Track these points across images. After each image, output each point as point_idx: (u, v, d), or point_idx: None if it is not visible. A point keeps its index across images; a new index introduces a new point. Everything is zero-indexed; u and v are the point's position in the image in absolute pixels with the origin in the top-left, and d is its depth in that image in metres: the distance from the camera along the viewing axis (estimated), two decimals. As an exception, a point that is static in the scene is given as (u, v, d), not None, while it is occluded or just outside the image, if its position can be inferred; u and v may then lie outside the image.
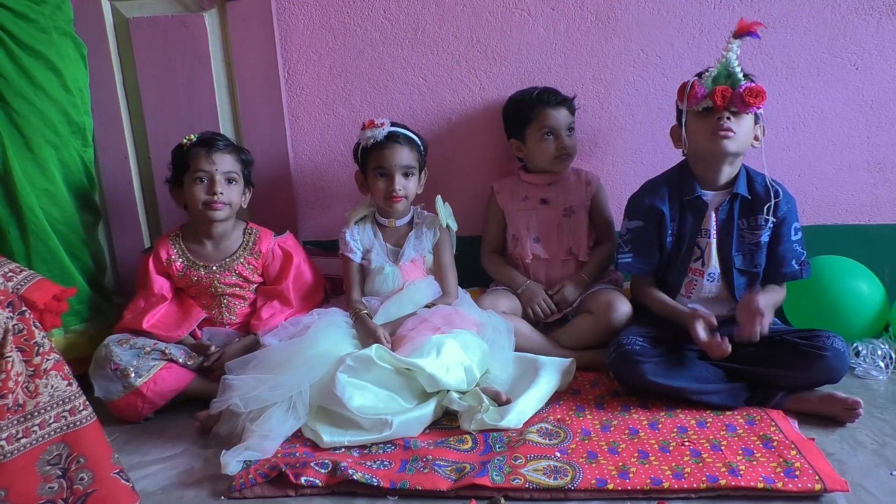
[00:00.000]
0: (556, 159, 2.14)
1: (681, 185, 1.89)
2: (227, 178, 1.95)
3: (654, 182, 1.96)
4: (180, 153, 1.96)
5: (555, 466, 1.49)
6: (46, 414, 1.27)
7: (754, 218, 1.86)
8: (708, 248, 1.87)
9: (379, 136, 1.98)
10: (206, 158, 1.92)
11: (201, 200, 1.93)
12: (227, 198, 1.94)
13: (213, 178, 1.92)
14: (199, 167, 1.92)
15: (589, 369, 1.99)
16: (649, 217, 1.90)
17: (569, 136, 2.14)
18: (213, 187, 1.92)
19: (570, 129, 2.14)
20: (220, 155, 1.94)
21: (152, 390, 1.82)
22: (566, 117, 2.13)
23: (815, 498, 1.38)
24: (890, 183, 2.29)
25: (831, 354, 1.68)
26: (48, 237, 1.98)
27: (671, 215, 1.89)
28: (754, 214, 1.86)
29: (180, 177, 1.96)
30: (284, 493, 1.47)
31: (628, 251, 1.94)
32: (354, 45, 2.28)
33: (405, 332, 1.89)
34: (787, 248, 1.87)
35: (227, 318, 2.03)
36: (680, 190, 1.89)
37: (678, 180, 1.90)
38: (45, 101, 1.95)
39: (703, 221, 1.88)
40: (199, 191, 1.93)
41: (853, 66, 2.21)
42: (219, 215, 1.95)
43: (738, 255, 1.87)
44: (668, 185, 1.91)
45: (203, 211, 1.94)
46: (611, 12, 2.21)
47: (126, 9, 2.22)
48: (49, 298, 1.32)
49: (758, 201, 1.85)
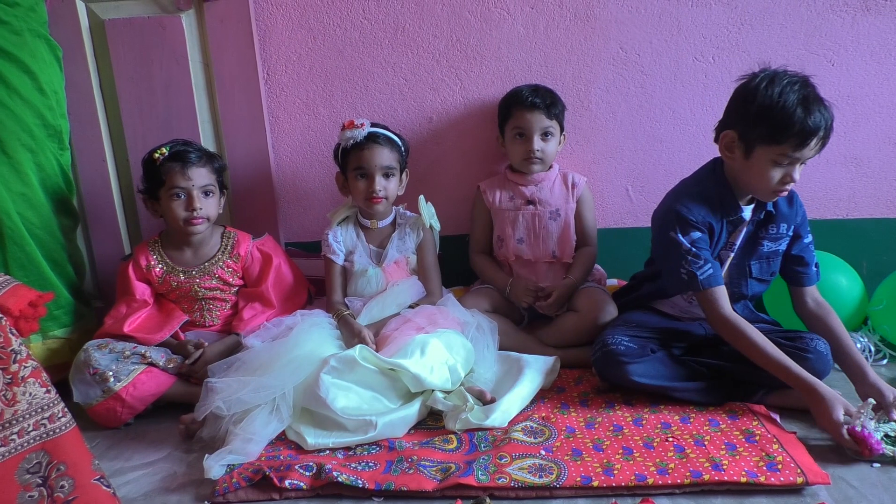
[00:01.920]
0: (524, 161, 2.14)
1: (721, 201, 1.77)
2: (204, 191, 1.94)
3: (692, 194, 1.79)
4: (153, 167, 1.92)
5: (540, 465, 1.50)
6: (25, 422, 1.25)
7: (774, 226, 1.80)
8: (726, 261, 1.83)
9: (358, 136, 1.97)
10: (182, 174, 1.90)
11: (181, 217, 1.92)
12: (205, 212, 1.93)
13: (191, 195, 1.91)
14: (176, 183, 1.90)
15: (573, 367, 2.00)
16: (705, 228, 1.75)
17: (543, 140, 2.11)
18: (191, 203, 1.91)
19: (545, 134, 2.11)
20: (196, 169, 1.92)
21: (132, 395, 1.80)
22: (541, 121, 2.09)
23: (798, 491, 1.40)
24: (867, 178, 2.31)
25: (814, 357, 1.69)
26: (25, 242, 1.95)
27: (718, 231, 1.78)
28: (776, 224, 1.80)
29: (155, 190, 1.94)
30: (269, 496, 1.46)
31: (703, 263, 1.71)
32: (334, 45, 2.27)
33: (389, 333, 1.88)
34: (807, 251, 1.84)
35: (209, 321, 2.02)
36: (721, 207, 1.77)
37: (717, 196, 1.77)
38: (19, 104, 1.92)
39: (734, 235, 1.81)
40: (177, 207, 1.91)
41: (829, 63, 2.23)
42: (199, 230, 1.95)
43: (756, 264, 1.83)
44: (707, 199, 1.77)
45: (183, 227, 1.93)
46: (589, 10, 2.22)
47: (101, 10, 2.19)
48: (24, 305, 1.31)
49: (780, 214, 1.80)
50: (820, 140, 1.61)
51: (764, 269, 1.84)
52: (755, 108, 1.64)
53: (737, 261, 1.83)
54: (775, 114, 1.60)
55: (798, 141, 1.59)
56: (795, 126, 1.58)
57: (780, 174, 1.65)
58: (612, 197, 2.35)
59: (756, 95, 1.64)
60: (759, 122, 1.63)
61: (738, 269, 1.84)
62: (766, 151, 1.64)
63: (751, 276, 1.84)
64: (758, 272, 1.84)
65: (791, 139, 1.60)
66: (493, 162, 2.32)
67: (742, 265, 1.84)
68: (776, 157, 1.63)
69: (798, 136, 1.59)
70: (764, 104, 1.62)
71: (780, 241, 1.82)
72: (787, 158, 1.63)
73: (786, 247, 1.84)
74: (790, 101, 1.60)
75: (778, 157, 1.63)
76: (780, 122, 1.60)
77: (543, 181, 2.19)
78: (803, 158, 1.63)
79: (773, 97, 1.61)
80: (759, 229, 1.81)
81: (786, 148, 1.61)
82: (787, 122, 1.59)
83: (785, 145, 1.61)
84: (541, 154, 2.11)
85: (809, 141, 1.59)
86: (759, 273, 1.84)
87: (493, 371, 1.88)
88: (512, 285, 2.14)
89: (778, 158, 1.63)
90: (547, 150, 2.13)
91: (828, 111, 1.61)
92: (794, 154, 1.62)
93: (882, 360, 2.04)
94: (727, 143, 1.72)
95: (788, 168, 1.65)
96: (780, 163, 1.64)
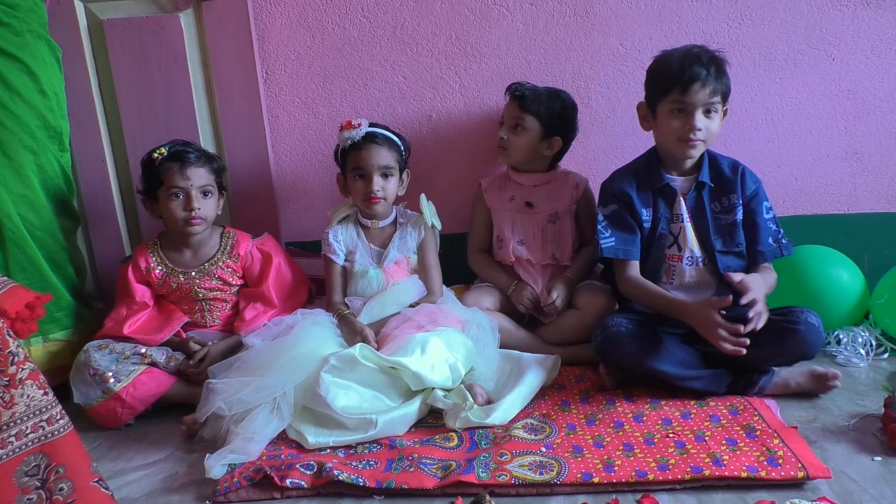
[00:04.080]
0: (498, 148, 2.16)
1: (649, 172, 1.90)
2: (202, 191, 1.94)
3: (622, 169, 1.97)
4: (152, 167, 1.93)
5: (540, 461, 1.50)
6: (23, 424, 1.25)
7: (726, 198, 1.88)
8: (682, 233, 1.87)
9: (356, 136, 1.97)
10: (181, 174, 1.91)
11: (180, 217, 1.92)
12: (203, 212, 1.94)
13: (190, 194, 1.91)
14: (174, 183, 1.91)
15: (574, 364, 2.00)
16: (621, 200, 1.90)
17: (513, 131, 2.11)
18: (189, 203, 1.91)
19: (516, 126, 2.09)
20: (194, 169, 1.92)
21: (132, 395, 1.80)
22: (514, 111, 2.09)
23: (798, 485, 1.39)
24: (868, 172, 2.31)
25: (805, 329, 1.70)
26: (26, 244, 1.95)
27: (643, 201, 1.89)
28: (726, 195, 1.88)
29: (154, 190, 1.94)
30: (270, 495, 1.47)
31: (609, 235, 1.89)
32: (333, 43, 2.27)
33: (389, 331, 1.88)
34: (762, 225, 1.87)
35: (210, 322, 2.02)
36: (649, 178, 1.90)
37: (646, 168, 1.91)
38: (21, 105, 1.92)
39: (675, 207, 1.88)
40: (175, 207, 1.92)
41: (830, 57, 2.22)
42: (197, 230, 1.95)
43: (718, 239, 1.87)
44: (636, 172, 1.92)
45: (182, 227, 1.93)
46: (589, 6, 2.22)
47: (100, 10, 2.19)
48: (21, 307, 1.30)
49: (725, 183, 1.88)
50: (706, 85, 1.75)
51: (728, 242, 1.88)
52: (649, 73, 1.88)
53: (699, 237, 1.88)
54: (659, 68, 1.84)
55: (681, 85, 1.75)
56: (674, 71, 1.77)
57: (679, 122, 1.79)
58: (612, 193, 2.35)
59: (651, 64, 1.87)
60: (652, 82, 1.86)
61: (704, 247, 1.88)
62: (662, 107, 1.82)
63: (717, 251, 1.87)
64: (721, 245, 1.88)
65: (675, 85, 1.76)
66: (492, 159, 2.31)
67: (705, 242, 1.87)
68: (670, 107, 1.80)
69: (677, 79, 1.75)
70: (653, 66, 1.87)
71: (733, 211, 1.88)
72: (679, 104, 1.78)
73: (742, 217, 1.88)
74: (672, 56, 1.81)
75: (671, 106, 1.79)
76: (663, 73, 1.81)
77: (545, 182, 2.18)
78: (697, 104, 1.76)
79: (659, 58, 1.85)
80: (712, 202, 1.89)
81: (675, 95, 1.77)
82: (668, 71, 1.79)
83: (673, 93, 1.77)
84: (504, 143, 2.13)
85: (691, 85, 1.74)
86: (723, 246, 1.88)
87: (493, 369, 1.88)
88: (515, 288, 2.13)
89: (672, 107, 1.79)
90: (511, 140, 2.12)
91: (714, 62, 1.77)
92: (685, 99, 1.76)
93: (883, 354, 2.03)
94: (642, 115, 1.92)
95: (686, 116, 1.78)
96: (676, 112, 1.79)
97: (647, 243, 1.91)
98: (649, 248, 1.91)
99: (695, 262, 1.88)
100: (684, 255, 1.88)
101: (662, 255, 1.90)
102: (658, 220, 1.89)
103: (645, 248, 1.91)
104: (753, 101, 2.25)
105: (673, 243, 1.89)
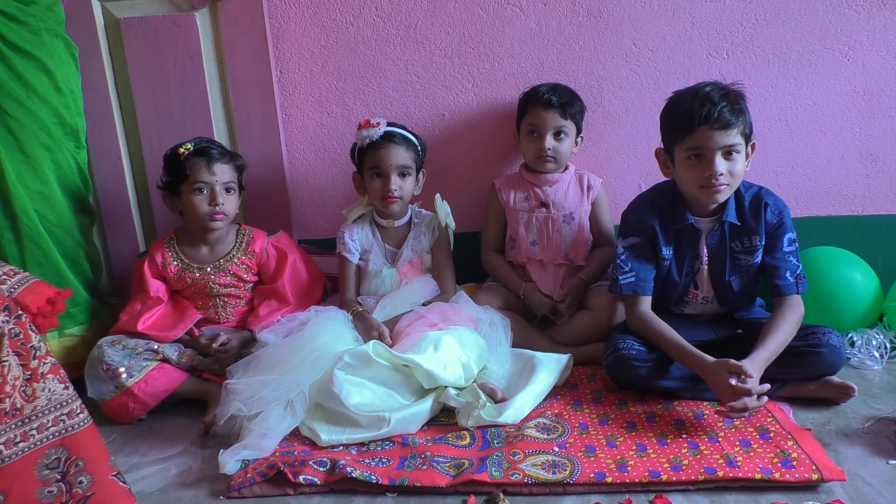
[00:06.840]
0: (536, 159, 2.13)
1: (673, 211, 1.81)
2: (226, 188, 1.96)
3: (643, 200, 1.88)
4: (177, 162, 1.94)
5: (553, 461, 1.50)
6: (44, 418, 1.27)
7: (748, 238, 1.79)
8: (700, 275, 1.84)
9: (375, 135, 1.98)
10: (207, 169, 1.93)
11: (203, 212, 1.94)
12: (226, 208, 1.95)
13: (214, 190, 1.93)
14: (200, 178, 1.92)
15: (586, 364, 2.00)
16: (644, 234, 1.82)
17: (556, 139, 2.10)
18: (214, 199, 1.93)
19: (559, 133, 2.09)
20: (220, 165, 1.95)
21: (143, 391, 1.81)
22: (555, 120, 2.07)
23: (813, 488, 1.39)
24: (882, 173, 2.30)
25: (828, 351, 1.69)
26: (43, 240, 1.97)
27: (665, 239, 1.82)
28: (748, 236, 1.79)
29: (176, 185, 1.96)
30: (283, 491, 1.47)
31: (629, 269, 1.81)
32: (347, 42, 2.28)
33: (402, 329, 1.89)
34: (781, 259, 1.78)
35: (224, 318, 2.03)
36: (672, 216, 1.81)
37: (670, 206, 1.82)
38: (37, 102, 1.94)
39: (697, 247, 1.82)
40: (200, 202, 1.93)
41: (845, 58, 2.21)
42: (219, 225, 1.97)
43: (736, 279, 1.82)
44: (660, 208, 1.83)
45: (205, 221, 1.95)
46: (602, 6, 2.21)
47: (116, 9, 2.21)
48: (42, 302, 1.32)
49: (747, 224, 1.79)
50: (721, 127, 1.63)
51: (744, 282, 1.83)
52: (661, 119, 1.78)
53: (716, 277, 1.83)
54: (669, 113, 1.74)
55: (693, 130, 1.65)
56: (684, 115, 1.67)
57: (698, 169, 1.69)
58: (624, 194, 2.33)
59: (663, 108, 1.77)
60: (664, 128, 1.77)
61: (718, 286, 1.84)
62: (679, 154, 1.72)
63: (731, 291, 1.83)
64: (738, 286, 1.83)
65: (687, 131, 1.67)
66: (505, 158, 2.32)
67: (721, 283, 1.83)
68: (687, 153, 1.69)
69: (688, 124, 1.65)
70: (664, 111, 1.77)
71: (754, 253, 1.80)
72: (695, 150, 1.68)
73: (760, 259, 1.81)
74: (682, 97, 1.71)
75: (688, 153, 1.69)
76: (673, 118, 1.72)
77: (558, 183, 2.17)
78: (714, 148, 1.65)
79: (669, 101, 1.75)
80: (732, 240, 1.80)
81: (688, 141, 1.68)
82: (677, 115, 1.69)
83: (687, 139, 1.68)
84: (553, 153, 2.10)
85: (705, 129, 1.64)
86: (739, 287, 1.84)
87: (506, 367, 1.88)
88: (526, 289, 2.14)
89: (688, 154, 1.69)
90: (560, 149, 2.11)
91: (727, 98, 1.65)
92: (700, 144, 1.66)
93: (897, 357, 2.03)
94: (661, 162, 1.82)
95: (705, 162, 1.67)
96: (692, 158, 1.69)
97: (666, 281, 1.86)
98: (665, 285, 1.87)
99: (709, 300, 1.87)
100: (700, 294, 1.87)
101: (686, 293, 1.88)
102: (679, 260, 1.84)
103: (660, 284, 1.86)
104: (767, 102, 2.25)
105: (690, 282, 1.86)
